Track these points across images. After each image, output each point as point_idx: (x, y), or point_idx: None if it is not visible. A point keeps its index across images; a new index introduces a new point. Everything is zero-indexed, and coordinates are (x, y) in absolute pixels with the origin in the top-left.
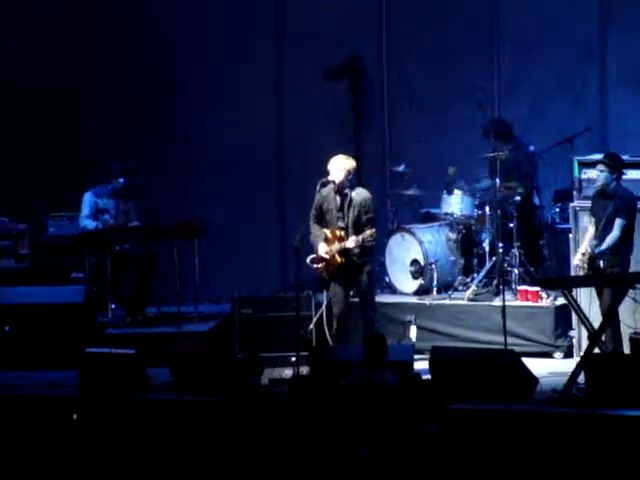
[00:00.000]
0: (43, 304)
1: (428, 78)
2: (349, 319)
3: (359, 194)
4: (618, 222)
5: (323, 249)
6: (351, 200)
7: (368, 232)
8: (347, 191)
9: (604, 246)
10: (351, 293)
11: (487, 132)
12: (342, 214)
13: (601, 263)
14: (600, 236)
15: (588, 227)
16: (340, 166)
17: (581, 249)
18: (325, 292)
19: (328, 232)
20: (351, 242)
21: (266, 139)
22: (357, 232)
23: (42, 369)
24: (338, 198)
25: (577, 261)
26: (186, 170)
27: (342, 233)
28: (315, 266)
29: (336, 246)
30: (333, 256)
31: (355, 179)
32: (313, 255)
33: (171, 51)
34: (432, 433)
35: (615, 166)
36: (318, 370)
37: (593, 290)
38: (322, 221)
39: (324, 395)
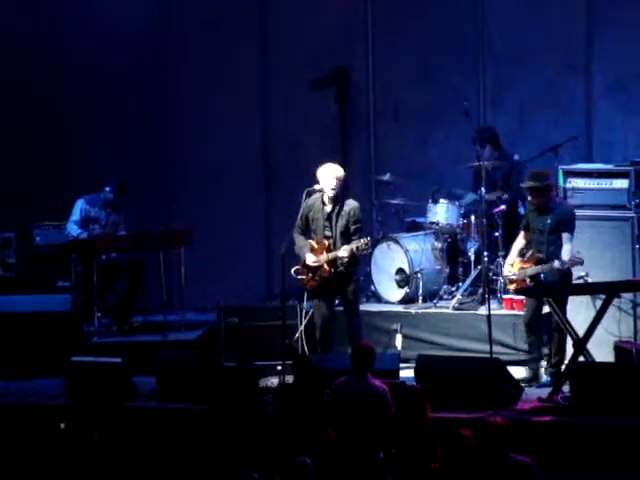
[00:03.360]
0: (29, 312)
1: (413, 88)
2: (332, 328)
3: (348, 204)
4: (566, 236)
5: (311, 259)
6: (340, 210)
7: (363, 241)
8: (336, 201)
9: (566, 258)
10: (336, 302)
11: (475, 140)
12: (329, 224)
13: (541, 276)
14: (547, 250)
15: (518, 239)
16: (329, 175)
17: (509, 260)
18: (307, 301)
19: (314, 242)
20: (343, 251)
21: (252, 149)
22: (345, 242)
23: (28, 377)
24: (326, 207)
25: (506, 272)
26: (172, 178)
27: (330, 243)
28: (299, 277)
29: (325, 256)
30: (321, 266)
31: (343, 188)
32: (297, 267)
33: (160, 62)
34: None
35: (542, 187)
36: (303, 379)
37: (577, 298)
38: (307, 231)
39: (309, 403)
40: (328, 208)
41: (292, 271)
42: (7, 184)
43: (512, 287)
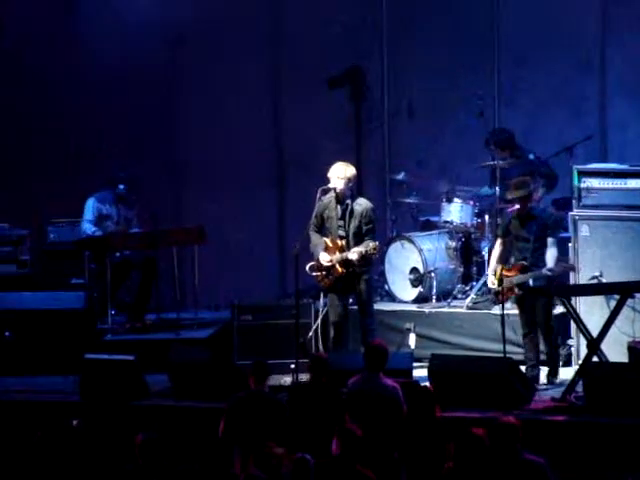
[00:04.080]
0: (43, 310)
1: (427, 87)
2: (346, 326)
3: (360, 204)
4: (551, 241)
5: (324, 258)
6: (352, 210)
7: (372, 245)
8: (348, 201)
9: (551, 264)
10: (350, 301)
11: (488, 142)
12: (343, 223)
13: (530, 282)
14: (532, 256)
15: (496, 247)
16: (340, 174)
17: (490, 270)
18: (323, 299)
19: (328, 241)
20: (354, 254)
21: (266, 148)
22: (358, 242)
23: (42, 375)
24: (339, 207)
25: (490, 284)
26: (186, 177)
27: (343, 243)
28: (314, 274)
29: (337, 256)
30: (334, 266)
31: (356, 187)
32: (312, 263)
33: (170, 59)
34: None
35: (529, 194)
36: (318, 377)
37: (591, 299)
38: (322, 229)
39: (324, 402)
40: (341, 208)
41: (307, 267)
42: (21, 182)
43: (499, 298)
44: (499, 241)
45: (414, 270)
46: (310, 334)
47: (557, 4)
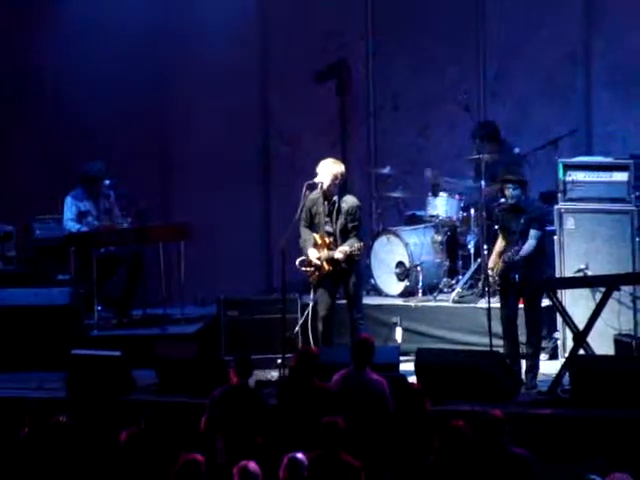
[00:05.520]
0: (29, 306)
1: (413, 81)
2: (334, 321)
3: (346, 201)
4: (533, 233)
5: (313, 254)
6: (339, 207)
7: (356, 245)
8: (335, 197)
9: (522, 253)
10: (337, 295)
11: (474, 135)
12: (330, 219)
13: (517, 277)
14: (515, 249)
15: (497, 241)
16: (328, 170)
17: (490, 263)
18: (312, 294)
19: (317, 237)
20: (339, 254)
21: (252, 142)
22: (345, 239)
23: (28, 371)
24: (326, 203)
25: (491, 279)
26: (171, 172)
27: (331, 240)
28: (303, 269)
29: (324, 254)
30: (321, 263)
31: (342, 184)
32: (302, 257)
33: (159, 55)
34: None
35: (522, 181)
36: (305, 371)
37: (577, 291)
38: (311, 225)
39: (312, 396)
40: (328, 204)
41: (297, 262)
42: (7, 178)
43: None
44: (500, 235)
45: (400, 264)
46: (297, 329)
47: None
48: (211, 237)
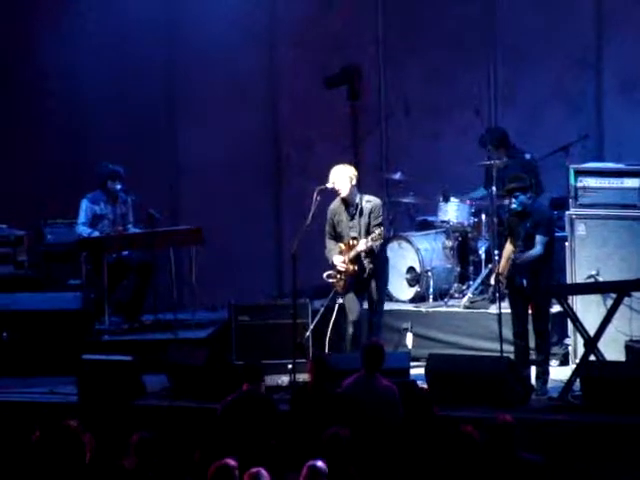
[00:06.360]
0: (40, 310)
1: (424, 86)
2: (363, 325)
3: (369, 201)
4: (539, 238)
5: (338, 260)
6: (362, 208)
7: (377, 231)
8: (357, 200)
9: (525, 257)
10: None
11: (484, 141)
12: (353, 224)
13: (524, 282)
14: (521, 252)
15: (506, 246)
16: (342, 176)
17: (500, 268)
18: (338, 300)
19: (343, 245)
20: (362, 244)
21: (263, 147)
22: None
23: (39, 375)
24: (348, 209)
25: (494, 281)
26: (183, 177)
27: (355, 242)
28: (330, 280)
29: (349, 254)
30: (347, 266)
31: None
32: (330, 271)
33: (168, 60)
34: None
35: (527, 186)
36: (320, 378)
37: (588, 298)
38: (335, 235)
39: (323, 403)
40: (350, 209)
41: (324, 275)
42: (18, 182)
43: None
44: (509, 240)
45: (411, 269)
46: (307, 334)
47: (553, 2)
48: (222, 242)
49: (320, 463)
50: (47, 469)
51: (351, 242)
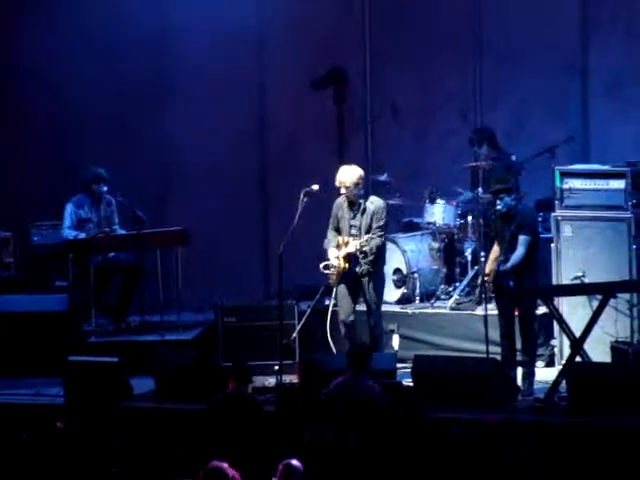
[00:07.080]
0: (27, 312)
1: (410, 88)
2: (356, 324)
3: (372, 202)
4: (522, 239)
5: (333, 254)
6: (365, 209)
7: (365, 237)
8: (361, 200)
9: (509, 264)
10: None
11: (472, 141)
12: (355, 222)
13: (511, 284)
14: (505, 255)
15: (493, 248)
16: (351, 177)
17: (486, 269)
18: (325, 301)
19: (341, 239)
20: (351, 246)
21: (250, 149)
22: None
23: (25, 377)
24: (351, 208)
25: (489, 288)
26: (169, 178)
27: (350, 239)
28: (326, 272)
29: (342, 251)
30: (339, 261)
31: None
32: (327, 262)
33: (156, 64)
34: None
35: (511, 187)
36: (308, 380)
37: (574, 299)
38: (337, 228)
39: (310, 404)
40: (353, 209)
41: (321, 266)
42: (4, 183)
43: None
44: (496, 242)
45: (397, 271)
46: (294, 335)
47: (539, 5)
48: (209, 244)
49: (295, 461)
50: (34, 471)
51: (345, 239)
